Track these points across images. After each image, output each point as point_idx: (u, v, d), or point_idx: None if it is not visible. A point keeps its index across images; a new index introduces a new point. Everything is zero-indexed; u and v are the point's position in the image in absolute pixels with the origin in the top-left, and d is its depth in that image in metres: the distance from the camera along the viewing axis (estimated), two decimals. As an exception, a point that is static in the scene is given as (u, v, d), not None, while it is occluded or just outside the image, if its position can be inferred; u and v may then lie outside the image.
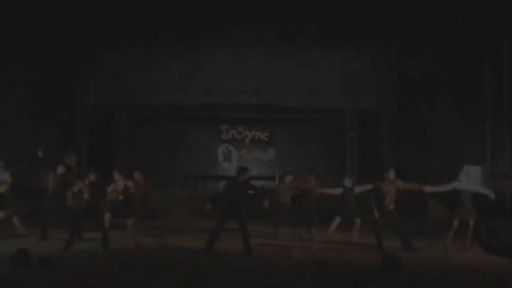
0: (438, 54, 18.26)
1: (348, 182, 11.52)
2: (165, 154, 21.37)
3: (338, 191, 11.37)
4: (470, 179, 10.07)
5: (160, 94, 21.97)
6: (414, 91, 23.00)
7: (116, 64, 19.58)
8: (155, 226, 12.72)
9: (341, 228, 11.23)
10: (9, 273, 7.36)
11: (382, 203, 9.86)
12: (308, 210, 9.33)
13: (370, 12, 16.35)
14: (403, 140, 21.64)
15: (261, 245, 10.08)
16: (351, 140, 20.27)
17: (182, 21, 16.92)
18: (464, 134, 21.04)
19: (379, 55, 19.41)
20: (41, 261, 7.74)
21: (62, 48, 17.52)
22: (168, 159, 21.34)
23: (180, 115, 21.70)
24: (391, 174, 10.12)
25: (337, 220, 11.29)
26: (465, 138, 21.04)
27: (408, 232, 10.10)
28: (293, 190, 10.00)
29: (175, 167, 21.29)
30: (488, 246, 5.07)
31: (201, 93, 22.05)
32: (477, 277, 7.52)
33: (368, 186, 10.81)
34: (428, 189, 10.12)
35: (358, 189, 11.35)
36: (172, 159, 21.37)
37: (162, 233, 12.41)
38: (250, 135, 21.89)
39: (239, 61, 19.58)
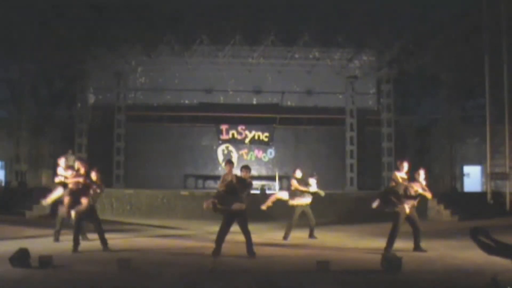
0: (438, 54, 18.26)
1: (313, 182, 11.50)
2: (165, 154, 21.40)
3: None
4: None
5: (160, 94, 22.05)
6: (414, 91, 23.07)
7: (116, 64, 19.59)
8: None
9: (340, 229, 11.24)
10: (9, 273, 7.35)
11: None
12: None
13: (370, 12, 16.35)
14: (403, 140, 21.67)
15: (261, 245, 10.08)
16: (351, 140, 20.28)
17: (182, 22, 16.93)
18: (464, 134, 21.08)
19: (379, 55, 19.41)
20: (41, 261, 7.74)
21: (62, 48, 17.53)
22: (168, 159, 21.38)
23: (180, 115, 21.73)
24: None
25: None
26: (465, 138, 21.09)
27: (410, 233, 10.08)
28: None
29: (175, 167, 21.33)
30: (487, 246, 5.06)
31: (201, 93, 22.13)
32: (476, 277, 7.52)
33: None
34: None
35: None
36: (172, 159, 21.40)
37: (162, 233, 12.42)
38: (250, 135, 21.90)
39: (239, 61, 19.59)
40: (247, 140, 21.91)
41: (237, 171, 9.20)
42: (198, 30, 17.17)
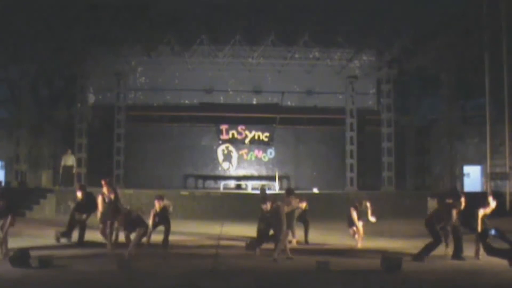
0: (438, 54, 18.26)
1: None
2: (165, 154, 21.39)
3: None
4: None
5: (160, 94, 22.05)
6: (414, 91, 23.04)
7: (116, 64, 19.58)
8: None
9: (340, 229, 11.23)
10: (9, 273, 7.35)
11: None
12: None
13: (370, 12, 16.35)
14: (403, 140, 21.66)
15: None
16: (351, 140, 20.29)
17: (182, 22, 16.93)
18: (464, 134, 21.07)
19: (379, 55, 19.40)
20: (41, 261, 7.74)
21: (62, 48, 17.52)
22: (168, 159, 21.36)
23: (180, 115, 21.73)
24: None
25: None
26: (465, 138, 21.08)
27: (410, 234, 10.10)
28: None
29: (175, 167, 21.32)
30: (488, 247, 5.08)
31: (201, 93, 22.14)
32: (476, 277, 7.52)
33: None
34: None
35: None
36: (172, 159, 21.39)
37: (161, 233, 12.40)
38: (250, 135, 21.90)
39: (239, 61, 19.59)
40: (247, 140, 21.90)
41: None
42: (198, 30, 17.17)
